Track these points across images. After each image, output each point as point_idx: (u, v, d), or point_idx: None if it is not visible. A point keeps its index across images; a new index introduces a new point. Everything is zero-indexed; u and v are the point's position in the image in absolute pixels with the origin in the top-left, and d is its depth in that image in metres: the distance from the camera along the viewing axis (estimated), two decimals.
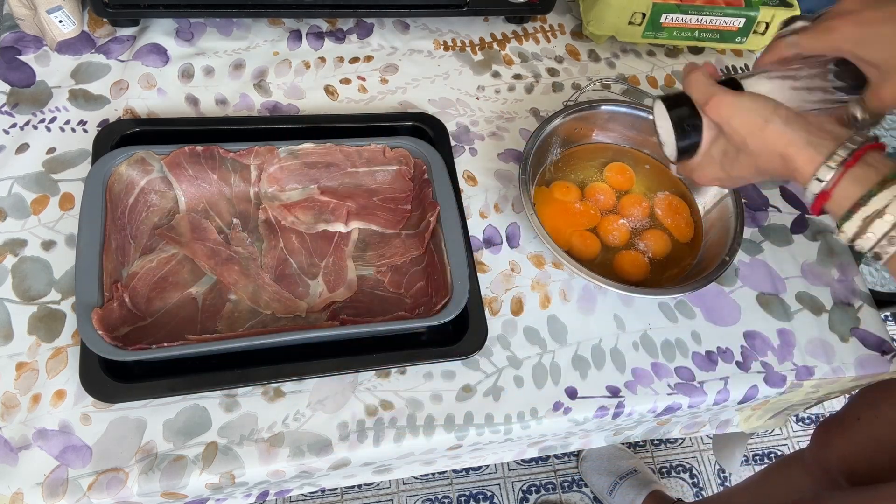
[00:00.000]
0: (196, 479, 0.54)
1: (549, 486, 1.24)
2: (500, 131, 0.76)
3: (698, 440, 1.33)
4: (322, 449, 0.57)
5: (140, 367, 0.57)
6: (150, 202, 0.64)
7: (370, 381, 0.60)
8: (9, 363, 0.57)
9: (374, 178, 0.68)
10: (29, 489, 0.52)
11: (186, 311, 0.60)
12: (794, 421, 1.39)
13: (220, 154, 0.63)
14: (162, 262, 0.61)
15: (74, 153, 0.67)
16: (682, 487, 1.28)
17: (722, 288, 0.70)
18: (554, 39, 0.85)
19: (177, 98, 0.72)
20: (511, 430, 0.60)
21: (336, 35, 0.81)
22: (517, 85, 0.81)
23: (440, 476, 1.22)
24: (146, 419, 0.56)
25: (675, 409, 0.64)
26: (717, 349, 0.66)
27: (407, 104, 0.76)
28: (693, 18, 0.80)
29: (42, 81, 0.71)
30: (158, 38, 0.76)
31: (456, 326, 0.61)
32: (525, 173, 0.67)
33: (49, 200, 0.64)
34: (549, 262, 0.69)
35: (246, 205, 0.66)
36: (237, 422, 0.57)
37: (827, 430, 0.78)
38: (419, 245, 0.65)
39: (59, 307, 0.59)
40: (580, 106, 0.72)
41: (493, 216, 0.71)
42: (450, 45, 0.82)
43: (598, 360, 0.64)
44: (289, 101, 0.74)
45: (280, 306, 0.61)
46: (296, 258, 0.64)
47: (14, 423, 0.54)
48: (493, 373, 0.62)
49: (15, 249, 0.62)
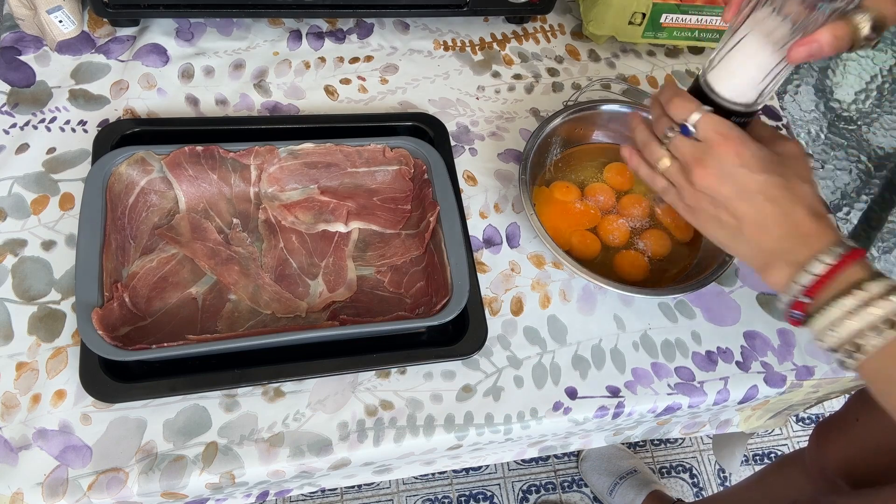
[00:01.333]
0: (196, 479, 0.54)
1: (549, 486, 1.24)
2: (500, 131, 0.76)
3: (698, 440, 1.33)
4: (322, 449, 0.57)
5: (140, 367, 0.57)
6: (150, 202, 0.64)
7: (370, 381, 0.60)
8: (9, 363, 0.57)
9: (374, 178, 0.68)
10: (29, 489, 0.52)
11: (186, 311, 0.60)
12: (794, 421, 1.39)
13: (220, 154, 0.63)
14: (162, 262, 0.61)
15: (74, 153, 0.67)
16: (682, 487, 1.28)
17: (722, 288, 0.70)
18: (554, 39, 0.85)
19: (177, 98, 0.72)
20: (511, 430, 0.60)
21: (336, 35, 0.81)
22: (517, 85, 0.81)
23: (440, 476, 1.22)
24: (146, 419, 0.56)
25: (675, 409, 0.64)
26: (717, 349, 0.66)
27: (407, 104, 0.76)
28: (693, 18, 0.81)
29: (42, 81, 0.71)
30: (158, 38, 0.76)
31: (456, 326, 0.61)
32: (525, 173, 0.67)
33: (49, 200, 0.64)
34: (549, 262, 0.69)
35: (246, 205, 0.66)
36: (237, 422, 0.57)
37: (825, 431, 0.77)
38: (419, 245, 0.65)
39: (59, 307, 0.59)
40: (580, 106, 0.73)
41: (493, 216, 0.71)
42: (450, 45, 0.82)
43: (598, 360, 0.64)
44: (289, 101, 0.74)
45: (280, 306, 0.61)
46: (296, 258, 0.64)
47: (14, 423, 0.54)
48: (493, 373, 0.62)
49: (15, 249, 0.62)
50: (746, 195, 0.48)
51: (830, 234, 0.47)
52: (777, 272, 0.48)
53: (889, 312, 0.43)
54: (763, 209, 0.48)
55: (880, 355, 0.44)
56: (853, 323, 0.44)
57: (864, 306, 0.44)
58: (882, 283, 0.44)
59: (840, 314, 0.45)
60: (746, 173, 0.47)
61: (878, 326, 0.43)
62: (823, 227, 0.47)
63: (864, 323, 0.44)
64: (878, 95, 1.02)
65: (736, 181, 0.48)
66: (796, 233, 0.47)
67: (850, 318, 0.44)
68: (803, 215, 0.47)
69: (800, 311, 0.47)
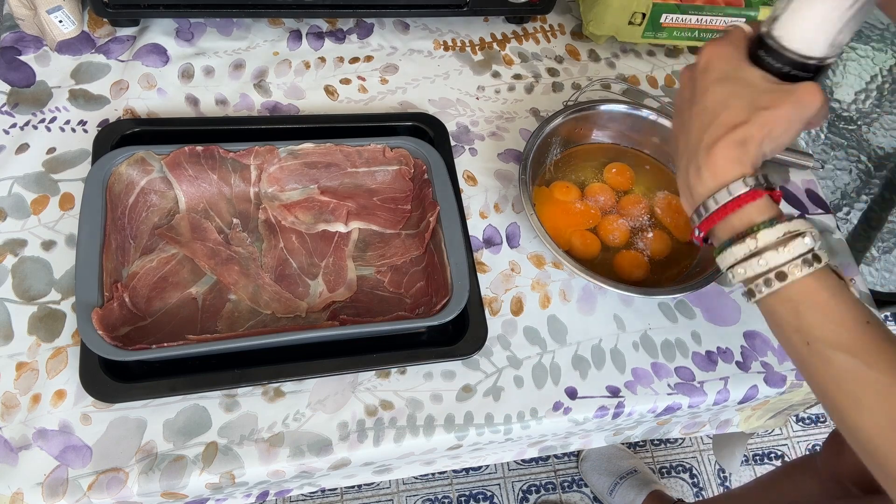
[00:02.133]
0: (196, 479, 0.54)
1: (549, 486, 1.24)
2: (500, 131, 0.76)
3: (698, 440, 1.33)
4: (322, 449, 0.57)
5: (140, 367, 0.57)
6: (150, 202, 0.64)
7: (370, 381, 0.60)
8: (9, 363, 0.57)
9: (374, 178, 0.68)
10: (29, 489, 0.52)
11: (186, 311, 0.60)
12: (794, 421, 1.39)
13: (220, 154, 0.63)
14: (162, 262, 0.61)
15: (74, 153, 0.67)
16: (682, 487, 1.28)
17: (722, 288, 0.70)
18: (554, 39, 0.85)
19: (177, 98, 0.72)
20: (511, 430, 0.60)
21: (336, 35, 0.81)
22: (517, 85, 0.81)
23: (440, 476, 1.22)
24: (146, 419, 0.56)
25: (675, 409, 0.64)
26: (717, 349, 0.66)
27: (407, 104, 0.76)
28: (693, 18, 0.81)
29: (42, 81, 0.71)
30: (158, 38, 0.76)
31: (456, 326, 0.61)
32: (525, 173, 0.67)
33: (49, 200, 0.64)
34: (549, 262, 0.69)
35: (246, 205, 0.66)
36: (237, 422, 0.57)
37: (840, 439, 0.77)
38: (419, 245, 0.65)
39: (59, 307, 0.59)
40: (580, 106, 0.73)
41: (493, 216, 0.71)
42: (450, 45, 0.82)
43: (598, 360, 0.64)
44: (289, 101, 0.74)
45: (280, 306, 0.61)
46: (296, 258, 0.64)
47: (14, 423, 0.54)
48: (493, 373, 0.62)
49: (15, 249, 0.62)
50: (696, 100, 0.46)
51: (742, 167, 0.44)
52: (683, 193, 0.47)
53: (779, 264, 0.43)
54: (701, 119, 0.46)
55: (769, 301, 0.44)
56: (744, 271, 0.44)
57: (753, 256, 0.43)
58: (778, 228, 0.43)
59: (732, 261, 0.45)
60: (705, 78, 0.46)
61: (767, 278, 0.43)
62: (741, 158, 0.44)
63: (752, 273, 0.44)
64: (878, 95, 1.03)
65: (695, 83, 0.47)
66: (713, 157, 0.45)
67: (740, 267, 0.44)
68: (729, 142, 0.44)
69: (698, 238, 0.47)
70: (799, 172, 0.80)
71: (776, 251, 0.43)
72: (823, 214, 0.77)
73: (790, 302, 0.43)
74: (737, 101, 0.45)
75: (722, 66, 0.47)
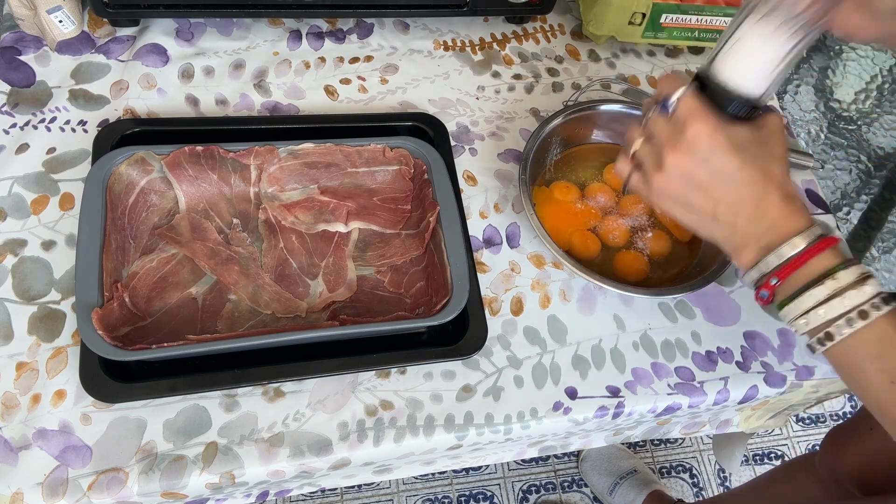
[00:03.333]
0: (196, 479, 0.54)
1: (549, 486, 1.24)
2: (500, 131, 0.76)
3: (698, 440, 1.33)
4: (322, 449, 0.57)
5: (140, 367, 0.57)
6: (150, 202, 0.64)
7: (370, 381, 0.60)
8: (9, 363, 0.57)
9: (374, 178, 0.68)
10: (29, 489, 0.52)
11: (186, 311, 0.60)
12: (794, 421, 1.39)
13: (220, 154, 0.63)
14: (162, 262, 0.61)
15: (74, 153, 0.67)
16: (682, 487, 1.28)
17: (722, 288, 0.70)
18: (554, 39, 0.85)
19: (177, 98, 0.72)
20: (511, 430, 0.60)
21: (336, 35, 0.81)
22: (517, 85, 0.81)
23: (440, 476, 1.22)
24: (146, 419, 0.56)
25: (675, 409, 0.64)
26: (717, 349, 0.66)
27: (407, 104, 0.76)
28: (693, 18, 0.80)
29: (42, 81, 0.71)
30: (158, 38, 0.76)
31: (456, 326, 0.61)
32: (525, 173, 0.67)
33: (49, 200, 0.64)
34: (549, 262, 0.69)
35: (246, 205, 0.66)
36: (237, 422, 0.57)
37: (839, 439, 0.77)
38: (419, 245, 0.65)
39: (59, 307, 0.59)
40: (580, 106, 0.73)
41: (493, 216, 0.71)
42: (450, 45, 0.82)
43: (598, 360, 0.64)
44: (289, 101, 0.74)
45: (280, 306, 0.61)
46: (296, 258, 0.64)
47: (14, 423, 0.54)
48: (493, 373, 0.62)
49: (15, 249, 0.62)
50: (720, 178, 0.46)
51: (803, 217, 0.46)
52: (748, 254, 0.48)
53: (860, 303, 0.43)
54: (737, 192, 0.46)
55: (849, 342, 0.44)
56: (824, 313, 0.44)
57: (835, 297, 0.44)
58: (853, 270, 0.44)
59: (812, 303, 0.45)
60: (720, 155, 0.46)
61: (850, 317, 0.43)
62: (796, 209, 0.46)
63: (835, 313, 0.44)
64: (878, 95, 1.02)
65: (709, 164, 0.46)
66: (769, 215, 0.46)
67: (821, 308, 0.44)
68: (777, 199, 0.46)
69: (768, 292, 0.47)
70: (799, 172, 0.80)
71: (858, 290, 0.43)
72: (823, 214, 0.77)
73: (871, 342, 0.44)
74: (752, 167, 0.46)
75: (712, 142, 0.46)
